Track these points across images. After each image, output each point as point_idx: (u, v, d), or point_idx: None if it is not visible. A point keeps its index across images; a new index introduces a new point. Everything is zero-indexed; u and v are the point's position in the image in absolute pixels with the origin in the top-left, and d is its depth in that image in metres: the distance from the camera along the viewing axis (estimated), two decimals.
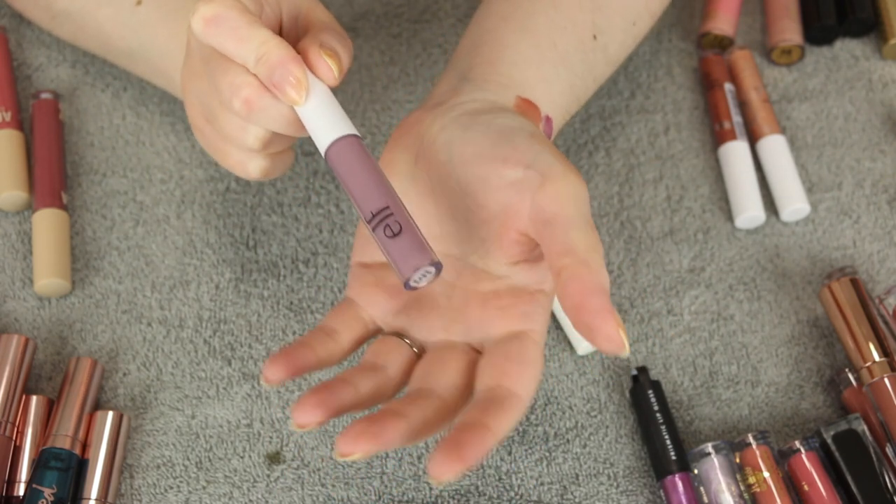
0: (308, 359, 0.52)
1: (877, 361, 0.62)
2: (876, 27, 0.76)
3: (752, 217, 0.70)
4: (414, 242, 0.49)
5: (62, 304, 0.67)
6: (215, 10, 0.51)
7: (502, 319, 0.53)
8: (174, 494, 0.62)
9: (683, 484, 0.61)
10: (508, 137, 0.53)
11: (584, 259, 0.49)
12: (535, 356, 0.52)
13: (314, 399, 0.49)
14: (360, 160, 0.51)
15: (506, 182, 0.52)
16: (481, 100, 0.57)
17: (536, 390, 0.52)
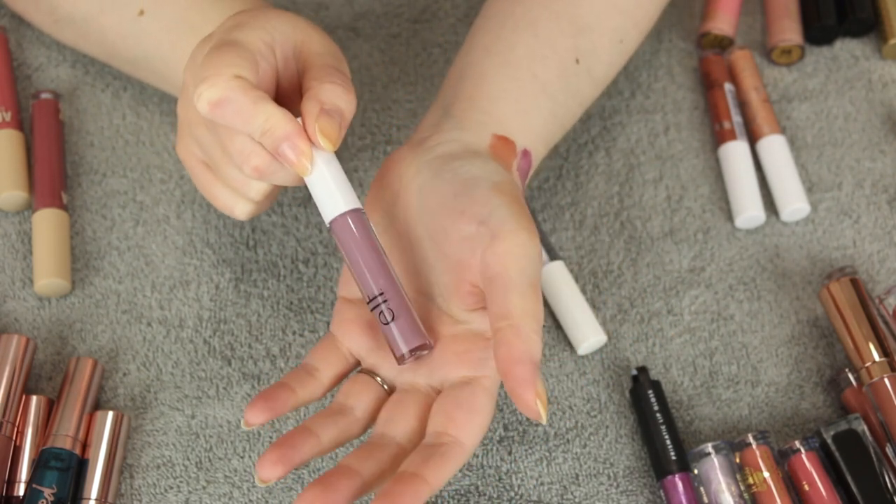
0: (288, 400, 0.54)
1: (877, 361, 0.62)
2: (876, 27, 0.76)
3: (752, 217, 0.70)
4: (407, 327, 0.54)
5: (62, 304, 0.67)
6: (220, 94, 0.51)
7: (458, 364, 0.55)
8: (174, 494, 0.62)
9: (683, 484, 0.61)
10: (470, 189, 0.54)
11: (518, 325, 0.51)
12: (483, 404, 0.54)
13: (275, 455, 0.51)
14: (361, 238, 0.54)
15: (461, 236, 0.54)
16: (457, 140, 0.58)
17: (482, 437, 0.54)
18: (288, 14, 0.56)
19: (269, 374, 0.65)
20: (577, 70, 0.63)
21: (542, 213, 0.70)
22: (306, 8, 0.77)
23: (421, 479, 0.51)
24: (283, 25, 0.55)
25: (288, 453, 0.52)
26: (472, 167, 0.56)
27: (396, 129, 0.73)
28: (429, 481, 0.51)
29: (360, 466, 0.52)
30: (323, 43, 0.56)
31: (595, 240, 0.70)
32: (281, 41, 0.54)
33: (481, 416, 0.53)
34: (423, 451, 0.52)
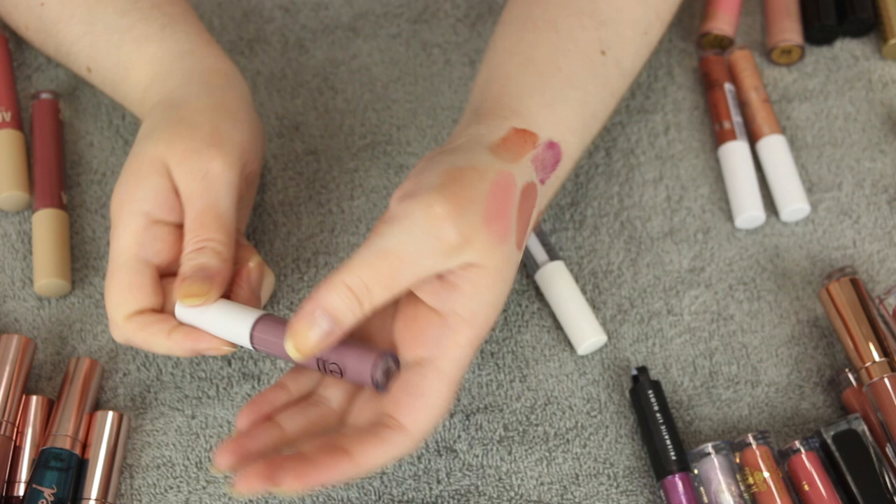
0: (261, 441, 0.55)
1: (877, 361, 0.62)
2: (876, 27, 0.76)
3: (752, 217, 0.70)
4: (355, 362, 0.54)
5: (62, 304, 0.67)
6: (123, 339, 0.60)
7: (413, 343, 0.55)
8: (174, 494, 0.62)
9: (683, 484, 0.61)
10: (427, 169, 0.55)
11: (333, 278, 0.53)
12: (432, 386, 0.54)
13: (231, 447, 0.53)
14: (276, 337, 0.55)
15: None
16: (469, 135, 0.58)
17: (434, 422, 0.54)
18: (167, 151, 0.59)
19: (269, 374, 0.65)
20: (605, 61, 0.63)
21: (537, 212, 0.70)
22: (306, 8, 0.77)
23: (347, 456, 0.51)
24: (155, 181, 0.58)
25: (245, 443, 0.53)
26: (459, 156, 0.56)
27: (396, 129, 0.73)
28: (356, 460, 0.51)
29: (287, 421, 0.54)
30: (184, 164, 0.58)
31: (595, 240, 0.70)
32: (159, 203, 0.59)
33: (429, 400, 0.53)
34: (363, 429, 0.53)
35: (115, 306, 0.58)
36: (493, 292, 0.55)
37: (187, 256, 0.58)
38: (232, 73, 0.65)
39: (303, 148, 0.72)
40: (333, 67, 0.75)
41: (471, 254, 0.53)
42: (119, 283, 0.58)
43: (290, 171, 0.72)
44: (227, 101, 0.62)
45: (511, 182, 0.56)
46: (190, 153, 0.58)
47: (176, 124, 0.60)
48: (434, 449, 0.63)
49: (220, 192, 0.59)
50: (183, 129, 0.59)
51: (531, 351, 0.66)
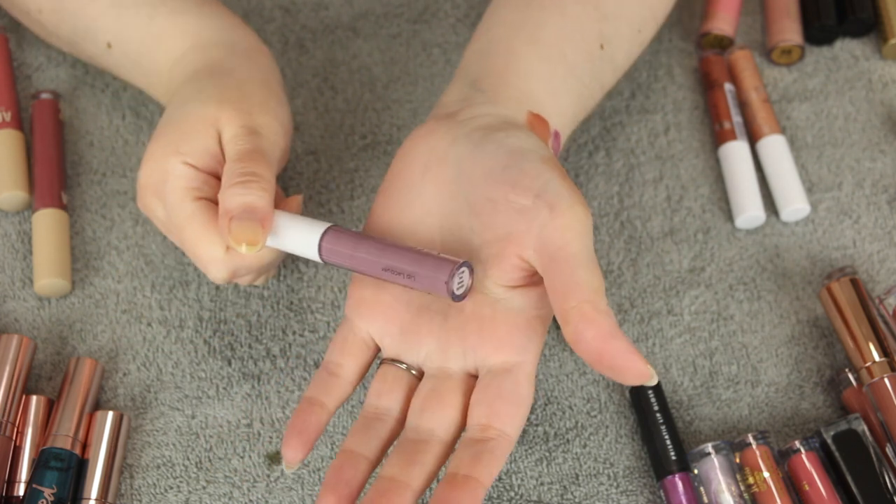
0: (320, 419, 0.53)
1: (877, 361, 0.62)
2: (876, 27, 0.76)
3: (752, 217, 0.70)
4: (429, 267, 0.51)
5: (62, 304, 0.67)
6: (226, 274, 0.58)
7: (498, 348, 0.52)
8: (174, 494, 0.62)
9: (683, 484, 0.61)
10: (519, 161, 0.53)
11: (593, 301, 0.49)
12: (526, 392, 0.52)
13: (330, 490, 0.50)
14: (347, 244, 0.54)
15: (514, 208, 0.52)
16: (494, 114, 0.57)
17: (525, 422, 0.52)
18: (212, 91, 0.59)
19: (269, 374, 0.65)
20: (602, 55, 0.62)
21: None
22: (306, 8, 0.77)
23: (475, 481, 0.49)
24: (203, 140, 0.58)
25: (341, 487, 0.50)
26: (516, 139, 0.54)
27: (397, 129, 0.73)
28: (482, 481, 0.49)
29: (408, 476, 0.50)
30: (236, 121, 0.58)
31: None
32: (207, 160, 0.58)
33: (524, 405, 0.52)
34: (471, 447, 0.50)
35: (210, 245, 0.57)
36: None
37: (232, 190, 0.55)
38: (269, 54, 0.65)
39: (303, 148, 0.72)
40: (333, 67, 0.75)
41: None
42: (201, 226, 0.57)
43: (290, 171, 0.72)
44: (271, 79, 0.62)
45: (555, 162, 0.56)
46: (241, 114, 0.58)
47: (228, 88, 0.59)
48: None
49: (269, 141, 0.58)
50: (234, 94, 0.59)
51: None
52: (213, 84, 0.60)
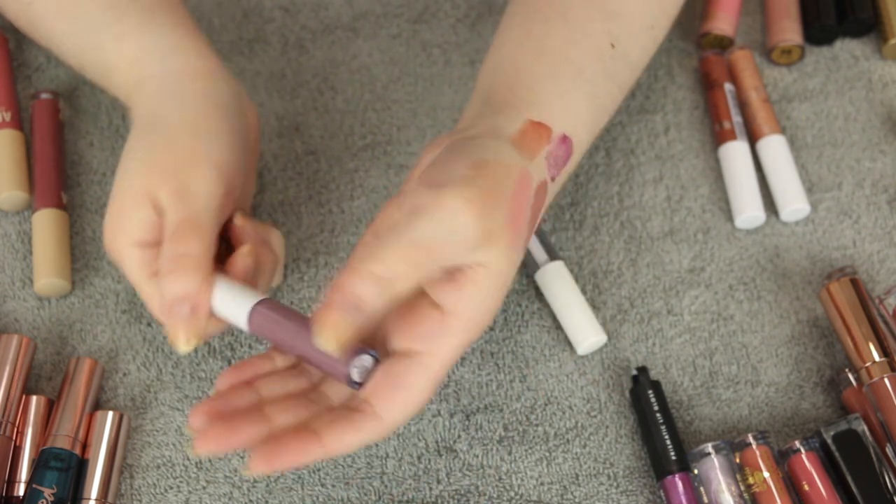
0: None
1: (877, 361, 0.62)
2: (876, 27, 0.76)
3: (752, 217, 0.70)
4: (330, 358, 0.53)
5: (62, 304, 0.67)
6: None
7: (404, 334, 0.54)
8: (174, 494, 0.62)
9: (683, 484, 0.61)
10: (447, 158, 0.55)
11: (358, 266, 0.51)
12: (416, 382, 0.53)
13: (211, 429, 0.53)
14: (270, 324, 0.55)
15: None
16: (486, 125, 0.58)
17: (409, 415, 0.53)
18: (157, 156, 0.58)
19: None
20: (614, 54, 0.62)
21: (543, 213, 0.70)
22: (306, 8, 0.77)
23: (317, 439, 0.51)
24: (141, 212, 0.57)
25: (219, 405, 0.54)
26: (483, 147, 0.55)
27: (396, 129, 0.73)
28: (325, 444, 0.51)
29: (265, 389, 0.55)
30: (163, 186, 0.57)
31: (595, 240, 0.70)
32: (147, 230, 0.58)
33: (410, 394, 0.53)
34: (337, 412, 0.53)
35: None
36: (494, 296, 0.54)
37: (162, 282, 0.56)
38: (213, 71, 0.62)
39: (303, 148, 0.72)
40: (333, 67, 0.75)
41: (486, 253, 0.53)
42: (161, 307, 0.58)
43: (290, 171, 0.72)
44: (204, 113, 0.60)
45: (529, 181, 0.55)
46: (168, 176, 0.57)
47: (151, 148, 0.59)
48: (434, 449, 0.63)
49: (198, 205, 0.57)
50: (158, 154, 0.58)
51: (531, 351, 0.66)
52: (141, 145, 0.59)
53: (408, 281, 0.51)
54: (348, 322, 0.50)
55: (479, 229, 0.52)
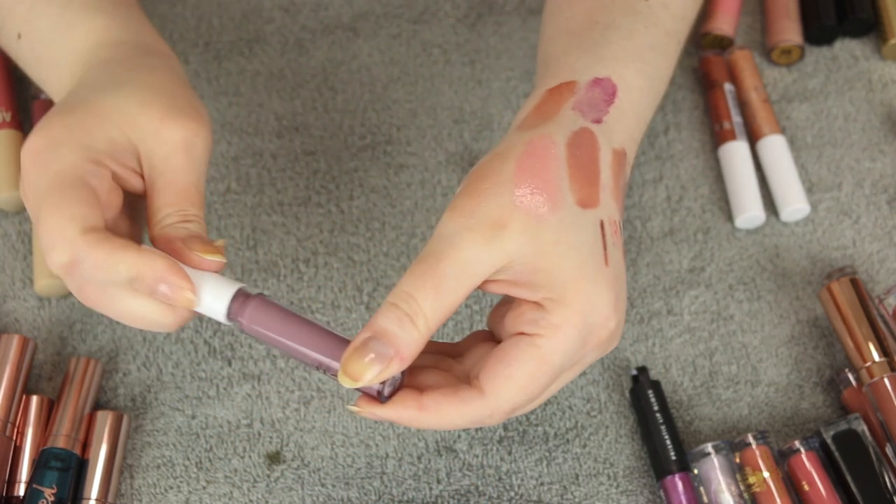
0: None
1: (877, 361, 0.62)
2: (876, 27, 0.76)
3: (752, 217, 0.70)
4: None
5: (62, 304, 0.67)
6: (70, 257, 0.49)
7: (513, 324, 0.52)
8: (174, 494, 0.62)
9: (683, 484, 0.61)
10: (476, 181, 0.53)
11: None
12: (520, 359, 0.51)
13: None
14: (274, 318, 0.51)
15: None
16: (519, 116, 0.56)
17: (515, 398, 0.51)
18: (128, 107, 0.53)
19: (269, 374, 0.65)
20: (649, 5, 0.59)
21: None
22: (306, 8, 0.77)
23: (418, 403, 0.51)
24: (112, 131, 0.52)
25: None
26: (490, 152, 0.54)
27: (396, 129, 0.73)
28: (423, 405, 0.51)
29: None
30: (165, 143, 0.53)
31: None
32: (110, 151, 0.52)
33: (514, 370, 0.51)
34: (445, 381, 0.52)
35: (67, 221, 0.49)
36: (570, 257, 0.51)
37: (178, 226, 0.52)
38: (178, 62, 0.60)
39: (303, 148, 0.72)
40: (333, 67, 0.75)
41: (513, 231, 0.50)
42: (70, 198, 0.50)
43: (289, 171, 0.72)
44: (187, 82, 0.57)
45: (547, 142, 0.52)
46: (171, 120, 0.53)
47: (150, 88, 0.54)
48: (434, 449, 0.63)
49: (202, 168, 0.54)
50: (159, 95, 0.54)
51: None
52: (135, 80, 0.54)
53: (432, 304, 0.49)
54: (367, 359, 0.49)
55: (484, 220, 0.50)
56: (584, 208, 0.52)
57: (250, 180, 0.71)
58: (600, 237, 0.52)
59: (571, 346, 0.51)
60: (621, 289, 0.52)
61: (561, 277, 0.50)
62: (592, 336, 0.51)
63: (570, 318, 0.50)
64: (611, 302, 0.51)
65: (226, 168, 0.72)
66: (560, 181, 0.52)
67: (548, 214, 0.51)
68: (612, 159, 0.54)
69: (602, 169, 0.53)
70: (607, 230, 0.52)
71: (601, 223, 0.52)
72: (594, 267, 0.51)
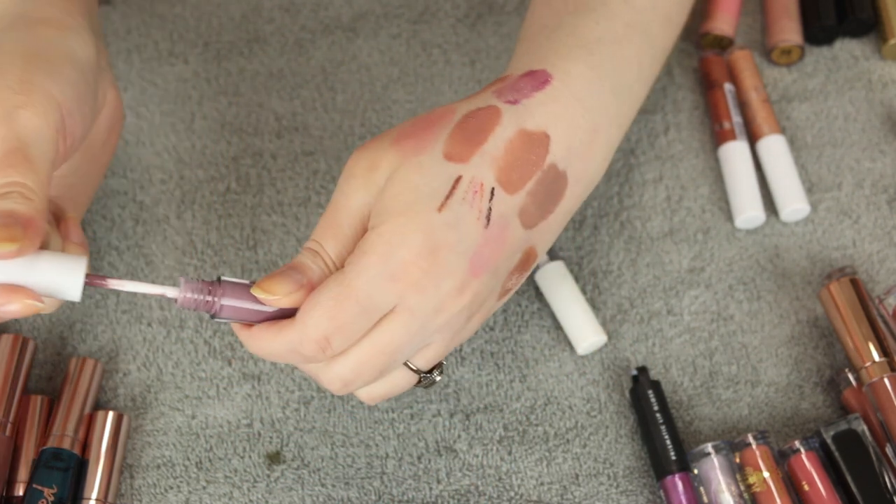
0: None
1: (876, 361, 0.62)
2: (876, 27, 0.76)
3: (752, 217, 0.70)
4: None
5: (62, 305, 0.67)
6: None
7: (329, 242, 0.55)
8: (174, 494, 0.62)
9: (683, 484, 0.61)
10: None
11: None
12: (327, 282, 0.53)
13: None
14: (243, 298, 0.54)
15: None
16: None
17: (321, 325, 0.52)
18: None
19: (269, 374, 0.65)
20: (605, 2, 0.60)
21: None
22: (306, 8, 0.77)
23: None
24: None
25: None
26: None
27: None
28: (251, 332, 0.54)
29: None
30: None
31: (595, 240, 0.70)
32: None
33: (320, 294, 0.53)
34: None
35: None
36: (404, 192, 0.53)
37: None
38: (72, 27, 0.55)
39: (303, 148, 0.72)
40: (333, 67, 0.75)
41: (383, 170, 0.54)
42: None
43: (289, 171, 0.72)
44: (48, 53, 0.53)
45: (446, 111, 0.55)
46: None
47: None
48: (434, 449, 0.63)
49: (29, 137, 0.49)
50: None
51: (531, 351, 0.66)
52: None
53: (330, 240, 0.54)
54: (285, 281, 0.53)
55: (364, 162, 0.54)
56: (448, 160, 0.54)
57: (250, 180, 0.71)
58: (449, 187, 0.54)
59: (374, 274, 0.52)
60: (446, 239, 0.53)
61: (387, 208, 0.53)
62: (403, 273, 0.52)
63: (375, 246, 0.53)
64: (425, 244, 0.53)
65: (226, 168, 0.72)
66: (437, 136, 0.54)
67: (410, 155, 0.54)
68: (513, 135, 0.55)
69: (491, 139, 0.55)
70: (463, 186, 0.54)
71: (458, 177, 0.54)
72: (422, 208, 0.53)
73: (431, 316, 0.54)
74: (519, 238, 0.55)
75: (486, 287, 0.55)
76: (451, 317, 0.54)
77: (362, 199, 0.54)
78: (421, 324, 0.53)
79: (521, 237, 0.56)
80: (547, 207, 0.56)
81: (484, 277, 0.54)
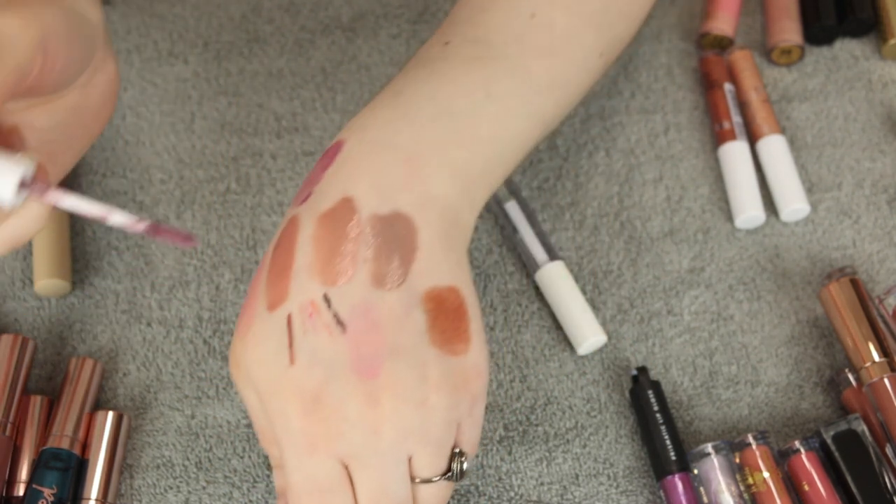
0: None
1: (876, 362, 0.62)
2: (876, 27, 0.76)
3: (751, 217, 0.70)
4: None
5: (62, 304, 0.67)
6: None
7: None
8: (174, 494, 0.62)
9: (683, 484, 0.61)
10: None
11: None
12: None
13: None
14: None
15: None
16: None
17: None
18: None
19: None
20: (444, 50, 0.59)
21: (542, 213, 0.70)
22: (306, 8, 0.77)
23: None
24: None
25: None
26: None
27: None
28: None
29: None
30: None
31: (595, 240, 0.70)
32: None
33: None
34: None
35: None
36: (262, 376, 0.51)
37: None
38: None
39: (303, 148, 0.72)
40: (333, 67, 0.75)
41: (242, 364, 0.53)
42: None
43: (289, 171, 0.72)
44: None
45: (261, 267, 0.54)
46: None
47: None
48: None
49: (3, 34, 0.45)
50: None
51: (531, 351, 0.66)
52: None
53: None
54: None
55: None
56: (271, 310, 0.51)
57: (250, 180, 0.71)
58: (286, 334, 0.50)
59: (296, 458, 0.50)
60: (314, 380, 0.49)
61: (260, 394, 0.51)
62: (312, 439, 0.50)
63: (279, 437, 0.51)
64: (303, 405, 0.49)
65: (225, 168, 0.72)
66: (258, 294, 0.52)
67: (244, 334, 0.51)
68: (314, 230, 0.51)
69: (297, 253, 0.51)
70: (295, 322, 0.50)
71: (288, 316, 0.50)
72: (276, 374, 0.50)
73: (374, 443, 0.49)
74: (397, 302, 0.50)
75: (402, 370, 0.49)
76: (398, 426, 0.49)
77: (254, 395, 0.52)
78: (379, 458, 0.49)
79: (398, 299, 0.50)
80: (406, 248, 0.51)
81: (388, 366, 0.49)
